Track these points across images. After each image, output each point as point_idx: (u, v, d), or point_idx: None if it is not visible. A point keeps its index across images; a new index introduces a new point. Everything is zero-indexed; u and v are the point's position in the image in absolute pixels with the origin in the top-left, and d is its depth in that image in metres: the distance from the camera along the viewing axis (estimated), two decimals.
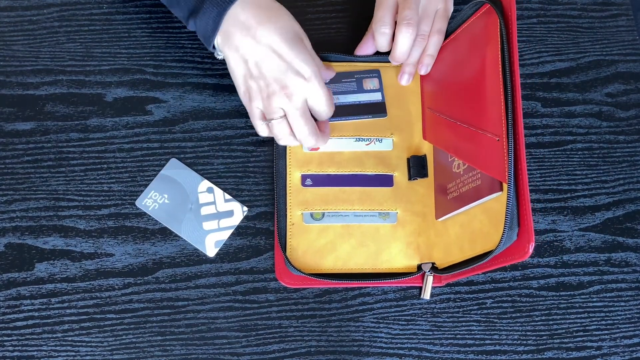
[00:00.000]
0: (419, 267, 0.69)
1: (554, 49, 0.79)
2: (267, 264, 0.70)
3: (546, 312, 0.71)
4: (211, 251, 0.70)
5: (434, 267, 0.69)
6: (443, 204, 0.69)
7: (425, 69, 0.72)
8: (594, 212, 0.74)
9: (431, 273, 0.69)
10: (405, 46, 0.69)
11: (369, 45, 0.73)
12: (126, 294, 0.68)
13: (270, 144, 0.73)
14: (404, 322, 0.69)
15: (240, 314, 0.68)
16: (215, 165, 0.72)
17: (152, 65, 0.74)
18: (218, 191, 0.71)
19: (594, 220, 0.74)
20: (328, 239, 0.70)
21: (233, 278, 0.69)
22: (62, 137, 0.72)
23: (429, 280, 0.69)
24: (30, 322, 0.67)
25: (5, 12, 0.75)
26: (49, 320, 0.67)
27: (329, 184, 0.71)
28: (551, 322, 0.70)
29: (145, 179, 0.71)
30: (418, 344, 0.69)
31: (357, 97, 0.74)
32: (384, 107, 0.74)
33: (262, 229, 0.71)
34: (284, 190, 0.71)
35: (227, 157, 0.72)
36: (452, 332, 0.69)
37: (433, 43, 0.71)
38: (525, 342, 0.69)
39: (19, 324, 0.67)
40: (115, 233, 0.69)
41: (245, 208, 0.71)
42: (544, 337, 0.70)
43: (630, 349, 0.70)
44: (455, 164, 0.68)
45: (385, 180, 0.72)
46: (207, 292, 0.68)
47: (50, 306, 0.67)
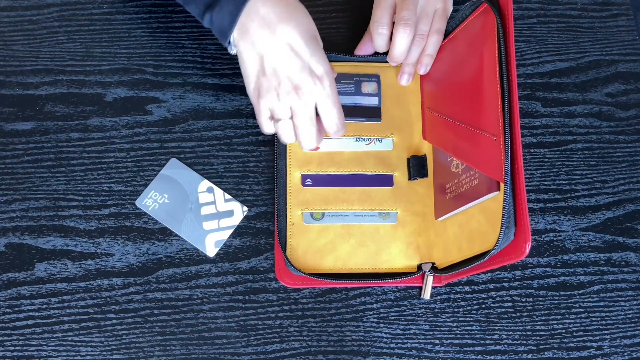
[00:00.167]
0: (419, 267, 0.69)
1: (554, 49, 0.79)
2: (267, 264, 0.70)
3: (546, 312, 0.70)
4: (211, 251, 0.70)
5: (433, 267, 0.69)
6: (442, 203, 0.69)
7: (424, 69, 0.72)
8: (594, 212, 0.74)
9: (431, 273, 0.69)
10: (402, 47, 0.69)
11: (368, 46, 0.73)
12: (126, 294, 0.68)
13: (270, 144, 0.73)
14: (404, 322, 0.69)
15: (240, 314, 0.68)
16: (215, 165, 0.72)
17: (152, 65, 0.75)
18: (218, 191, 0.71)
19: (594, 220, 0.74)
20: (328, 239, 0.70)
21: (233, 278, 0.69)
22: (62, 137, 0.72)
23: (429, 280, 0.69)
24: (30, 322, 0.67)
25: (5, 12, 0.75)
26: (49, 320, 0.67)
27: (329, 183, 0.71)
28: (551, 322, 0.70)
29: (145, 178, 0.71)
30: (418, 344, 0.69)
31: (354, 100, 0.74)
32: (379, 112, 0.73)
33: (262, 229, 0.71)
34: (284, 190, 0.71)
35: (227, 157, 0.72)
36: (452, 332, 0.69)
37: (432, 43, 0.71)
38: (525, 342, 0.69)
39: (19, 323, 0.67)
40: (115, 233, 0.69)
41: (245, 208, 0.71)
42: (544, 337, 0.70)
43: (630, 349, 0.70)
44: (454, 163, 0.68)
45: (385, 180, 0.72)
46: (207, 292, 0.68)
47: (50, 306, 0.67)
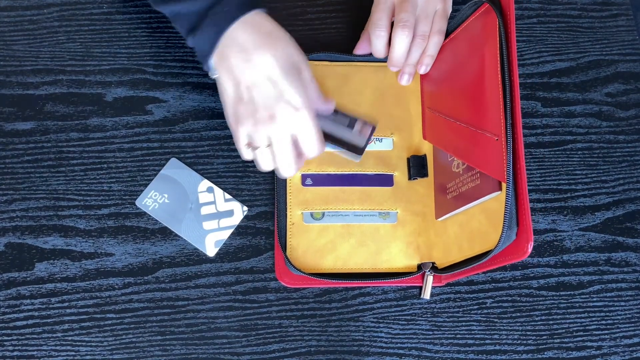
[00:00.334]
0: (419, 267, 0.69)
1: (554, 49, 0.79)
2: (267, 264, 0.70)
3: (546, 311, 0.70)
4: (211, 251, 0.70)
5: (434, 267, 0.69)
6: (443, 203, 0.69)
7: (424, 69, 0.72)
8: (594, 212, 0.74)
9: (431, 273, 0.69)
10: (401, 49, 0.69)
11: (365, 45, 0.73)
12: (126, 294, 0.68)
13: None
14: (404, 322, 0.69)
15: (240, 314, 0.68)
16: (215, 165, 0.72)
17: (152, 65, 0.74)
18: (218, 191, 0.71)
19: (594, 220, 0.74)
20: (328, 239, 0.70)
21: (233, 278, 0.69)
22: (62, 136, 0.72)
23: (429, 280, 0.69)
24: (30, 321, 0.67)
25: (5, 12, 0.75)
26: (49, 320, 0.67)
27: (329, 183, 0.71)
28: (551, 322, 0.70)
29: (145, 178, 0.71)
30: (418, 344, 0.69)
31: (342, 132, 0.69)
32: (361, 151, 0.69)
33: (262, 229, 0.71)
34: (284, 190, 0.71)
35: (227, 157, 0.72)
36: (452, 332, 0.69)
37: (433, 43, 0.71)
38: (525, 341, 0.69)
39: (19, 323, 0.67)
40: (115, 233, 0.69)
41: (245, 208, 0.71)
42: (544, 337, 0.70)
43: (630, 348, 0.70)
44: (454, 163, 0.68)
45: (386, 180, 0.72)
46: (207, 292, 0.68)
47: (50, 306, 0.67)
